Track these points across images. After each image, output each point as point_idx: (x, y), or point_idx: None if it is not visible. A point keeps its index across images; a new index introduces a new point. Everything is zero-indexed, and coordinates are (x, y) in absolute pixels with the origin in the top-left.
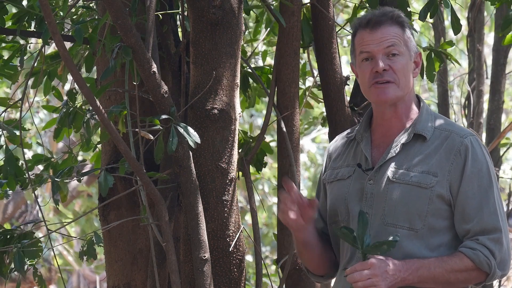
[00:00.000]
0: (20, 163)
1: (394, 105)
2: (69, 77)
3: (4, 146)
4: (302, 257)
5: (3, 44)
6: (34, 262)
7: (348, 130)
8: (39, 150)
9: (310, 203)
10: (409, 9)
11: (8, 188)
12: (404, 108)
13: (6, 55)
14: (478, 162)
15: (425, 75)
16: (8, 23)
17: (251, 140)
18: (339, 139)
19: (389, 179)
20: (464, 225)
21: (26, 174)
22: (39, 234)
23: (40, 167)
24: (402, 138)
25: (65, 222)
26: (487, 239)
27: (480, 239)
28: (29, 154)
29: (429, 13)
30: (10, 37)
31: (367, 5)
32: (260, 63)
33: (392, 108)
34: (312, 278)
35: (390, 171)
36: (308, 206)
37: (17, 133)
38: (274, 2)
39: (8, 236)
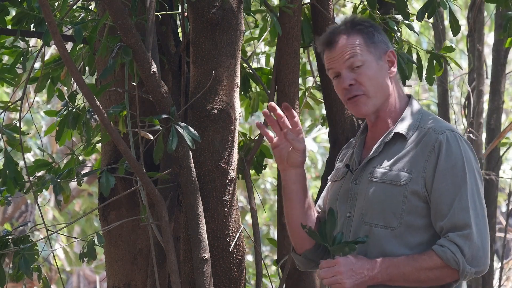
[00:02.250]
0: (20, 165)
1: (376, 112)
2: (72, 81)
3: (3, 150)
4: (285, 210)
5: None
6: (37, 265)
7: (358, 132)
8: (39, 151)
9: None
10: (408, 10)
11: (8, 194)
12: (387, 111)
13: (5, 57)
14: (452, 158)
15: (424, 78)
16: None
17: (249, 139)
18: (351, 141)
19: (368, 179)
20: (438, 222)
21: (26, 178)
22: (40, 235)
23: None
24: (385, 138)
25: (65, 223)
26: (456, 235)
27: (449, 236)
28: (28, 155)
29: (427, 13)
30: (11, 41)
31: (366, 4)
32: (261, 62)
33: (374, 114)
34: (294, 258)
35: (370, 170)
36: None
37: (17, 133)
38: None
39: (4, 241)
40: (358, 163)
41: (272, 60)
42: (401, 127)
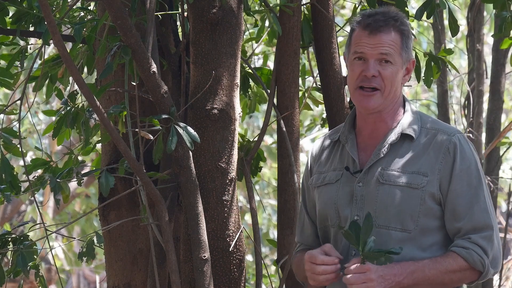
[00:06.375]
0: (19, 164)
1: (378, 112)
2: (71, 80)
3: (0, 154)
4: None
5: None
6: (36, 264)
7: (331, 131)
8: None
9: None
10: (407, 9)
11: (4, 196)
12: (390, 113)
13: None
14: (466, 160)
15: (422, 80)
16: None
17: (247, 140)
18: (322, 141)
19: (379, 181)
20: (455, 224)
21: (26, 177)
22: (38, 235)
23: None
24: (390, 139)
25: (64, 223)
26: (479, 237)
27: (472, 238)
28: (27, 154)
29: (426, 13)
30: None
31: (366, 4)
32: (260, 63)
33: (375, 114)
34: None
35: (379, 172)
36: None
37: (13, 136)
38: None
39: (3, 240)
40: (358, 164)
41: (270, 61)
42: (407, 128)
